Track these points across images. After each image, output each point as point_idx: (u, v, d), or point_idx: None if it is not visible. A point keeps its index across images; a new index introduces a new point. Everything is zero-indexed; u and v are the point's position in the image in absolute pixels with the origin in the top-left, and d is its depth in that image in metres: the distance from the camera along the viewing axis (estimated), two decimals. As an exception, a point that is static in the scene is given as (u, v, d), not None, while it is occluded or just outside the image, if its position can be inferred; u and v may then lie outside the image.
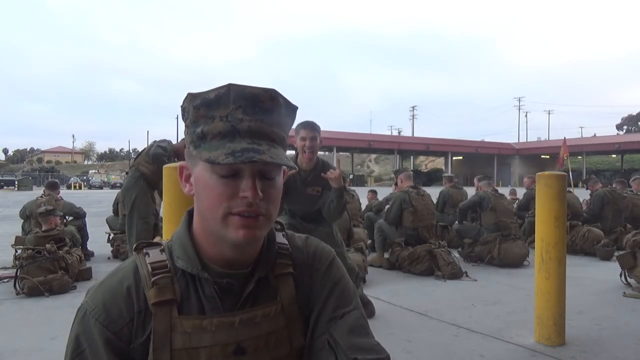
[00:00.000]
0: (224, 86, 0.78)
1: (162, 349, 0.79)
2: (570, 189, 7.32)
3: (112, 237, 6.32)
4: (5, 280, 4.74)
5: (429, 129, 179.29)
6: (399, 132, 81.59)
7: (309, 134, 3.19)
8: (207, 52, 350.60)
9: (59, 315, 3.63)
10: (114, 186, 43.81)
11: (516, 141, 62.85)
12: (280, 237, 0.93)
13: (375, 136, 52.73)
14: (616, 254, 5.17)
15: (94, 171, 77.44)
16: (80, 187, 45.19)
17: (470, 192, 7.30)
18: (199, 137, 0.78)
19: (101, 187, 48.33)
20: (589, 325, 3.42)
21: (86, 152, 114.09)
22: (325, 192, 3.29)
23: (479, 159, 52.41)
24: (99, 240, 6.78)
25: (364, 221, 6.79)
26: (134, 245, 0.89)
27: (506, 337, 3.15)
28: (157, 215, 4.94)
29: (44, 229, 4.83)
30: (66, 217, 6.24)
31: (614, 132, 77.55)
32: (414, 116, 79.15)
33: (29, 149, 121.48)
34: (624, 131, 78.41)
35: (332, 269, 0.93)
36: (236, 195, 0.77)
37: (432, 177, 48.96)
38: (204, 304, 0.83)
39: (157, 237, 1.16)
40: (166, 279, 0.82)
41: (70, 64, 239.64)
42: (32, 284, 4.17)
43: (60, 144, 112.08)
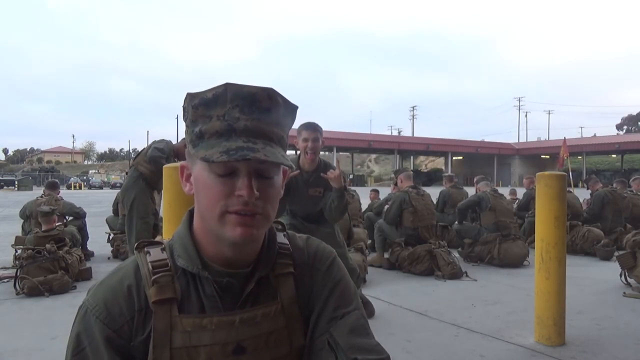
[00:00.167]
0: (222, 85, 0.79)
1: (162, 347, 0.80)
2: (570, 189, 7.32)
3: (112, 237, 6.33)
4: (5, 280, 4.74)
5: (429, 129, 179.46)
6: (399, 132, 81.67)
7: (311, 135, 3.19)
8: (207, 52, 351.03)
9: (59, 315, 3.63)
10: (114, 186, 43.80)
11: (516, 141, 62.86)
12: (281, 237, 0.93)
13: (375, 136, 52.75)
14: (616, 254, 5.17)
15: (94, 171, 77.44)
16: (80, 187, 45.20)
17: (470, 192, 7.29)
18: (197, 137, 0.79)
19: (101, 187, 48.34)
20: (589, 325, 3.42)
21: (86, 152, 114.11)
22: (327, 193, 3.29)
23: (479, 159, 52.41)
24: (99, 240, 6.79)
25: (364, 221, 6.79)
26: (135, 244, 0.89)
27: (506, 337, 3.15)
28: (156, 215, 4.94)
29: (44, 229, 4.83)
30: (66, 217, 6.25)
31: (614, 132, 77.62)
32: (414, 116, 79.25)
33: (29, 149, 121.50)
34: (624, 131, 78.41)
35: (333, 269, 0.93)
36: (232, 194, 0.77)
37: (432, 177, 48.96)
38: (204, 303, 0.83)
39: (158, 237, 1.16)
40: (167, 277, 0.83)
41: (70, 64, 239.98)
42: (32, 284, 4.17)
43: (60, 144, 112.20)
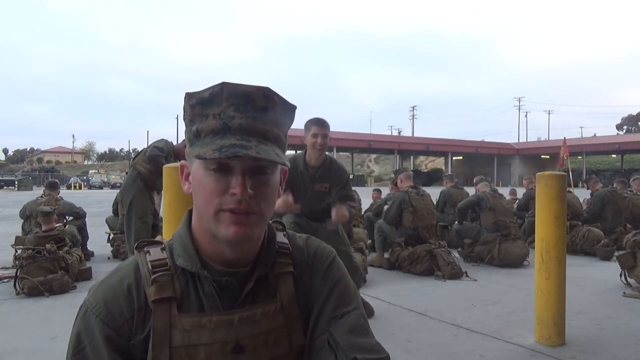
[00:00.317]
0: (218, 85, 0.80)
1: (161, 346, 0.80)
2: (570, 189, 7.32)
3: (112, 237, 6.32)
4: (5, 280, 4.74)
5: (429, 129, 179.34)
6: (399, 132, 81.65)
7: (321, 130, 3.21)
8: (207, 52, 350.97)
9: (59, 315, 3.63)
10: (114, 186, 43.80)
11: (516, 141, 62.86)
12: (280, 237, 0.93)
13: (375, 136, 52.74)
14: (616, 254, 5.17)
15: (94, 171, 77.45)
16: (80, 187, 45.21)
17: (471, 192, 7.30)
18: (194, 135, 0.80)
19: (101, 187, 48.35)
20: (589, 325, 3.42)
21: (86, 152, 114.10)
22: (333, 189, 3.31)
23: (479, 159, 52.42)
24: (99, 240, 6.79)
25: (364, 221, 6.79)
26: (135, 243, 0.90)
27: (506, 337, 3.15)
28: (156, 215, 4.94)
29: (44, 229, 4.83)
30: (66, 217, 6.25)
31: (614, 132, 77.63)
32: (414, 116, 79.24)
33: (29, 149, 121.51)
34: (624, 131, 78.42)
35: (333, 268, 0.93)
36: (227, 191, 0.77)
37: (432, 177, 48.96)
38: (203, 302, 0.83)
39: (157, 237, 1.17)
40: (166, 276, 0.83)
41: (70, 64, 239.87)
42: (32, 284, 4.17)
43: (60, 144, 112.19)
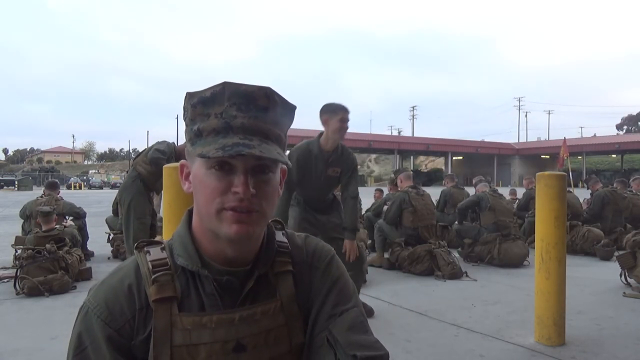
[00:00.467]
0: (220, 84, 0.80)
1: (162, 346, 0.80)
2: (570, 189, 7.33)
3: (112, 237, 6.33)
4: (5, 280, 4.74)
5: (429, 129, 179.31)
6: (399, 132, 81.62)
7: (347, 116, 3.26)
8: (207, 52, 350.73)
9: (59, 315, 3.64)
10: (114, 186, 43.81)
11: (516, 141, 62.86)
12: (279, 236, 0.93)
13: (375, 136, 52.73)
14: (616, 254, 5.17)
15: (94, 171, 77.46)
16: (80, 187, 45.21)
17: (471, 192, 7.30)
18: (195, 135, 0.80)
19: (101, 187, 48.35)
20: (589, 325, 3.42)
21: (86, 152, 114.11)
22: (342, 175, 3.38)
23: (479, 159, 52.42)
24: (99, 240, 6.79)
25: (364, 221, 6.79)
26: (135, 244, 0.90)
27: (506, 337, 3.15)
28: (154, 215, 4.95)
29: (44, 229, 4.83)
30: (66, 217, 6.25)
31: (614, 132, 77.57)
32: (414, 116, 79.24)
33: (29, 149, 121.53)
34: (624, 131, 78.38)
35: (332, 267, 0.94)
36: (229, 190, 0.78)
37: (432, 177, 48.96)
38: (204, 301, 0.83)
39: (157, 237, 1.17)
40: (166, 276, 0.83)
41: (70, 64, 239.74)
42: (32, 284, 4.17)
43: (60, 144, 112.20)
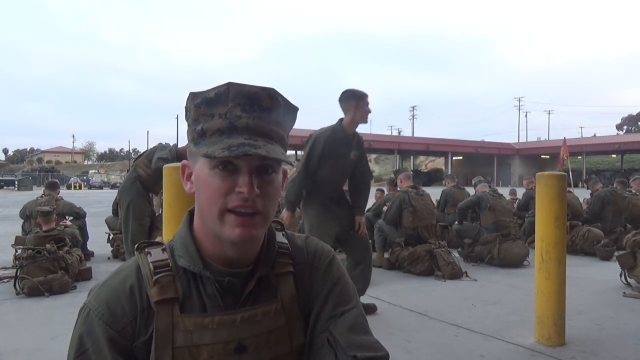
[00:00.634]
0: (224, 85, 0.80)
1: (164, 347, 0.80)
2: (570, 189, 7.33)
3: (112, 237, 6.33)
4: (5, 280, 4.74)
5: (429, 129, 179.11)
6: (399, 132, 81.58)
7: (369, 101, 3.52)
8: (207, 52, 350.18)
9: (59, 315, 3.64)
10: (114, 186, 43.79)
11: (516, 141, 62.85)
12: (280, 237, 0.93)
13: (375, 136, 52.65)
14: (616, 254, 5.17)
15: (94, 171, 77.43)
16: (80, 187, 45.21)
17: (471, 192, 7.31)
18: (199, 135, 0.80)
19: (101, 187, 48.35)
20: (589, 325, 3.42)
21: (86, 152, 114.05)
22: (359, 160, 3.62)
23: (479, 159, 52.41)
24: (99, 240, 6.79)
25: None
26: (136, 244, 0.90)
27: (506, 337, 3.15)
28: (153, 215, 4.98)
29: (44, 229, 4.83)
30: (66, 217, 6.25)
31: (614, 132, 77.49)
32: (414, 116, 79.23)
33: (29, 149, 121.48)
34: (624, 131, 78.33)
35: (332, 268, 0.94)
36: (233, 190, 0.78)
37: (432, 177, 48.94)
38: (205, 302, 0.83)
39: (158, 237, 1.17)
40: (168, 277, 0.83)
41: (70, 64, 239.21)
42: (32, 284, 4.17)
43: (60, 144, 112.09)
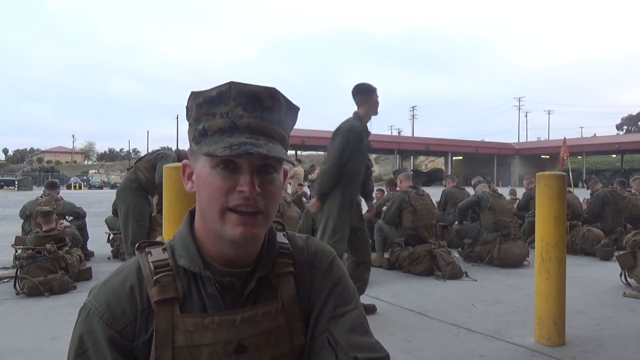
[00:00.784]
0: (226, 84, 0.80)
1: (164, 347, 0.80)
2: (570, 189, 7.33)
3: (112, 237, 6.33)
4: (5, 280, 4.74)
5: (429, 129, 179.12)
6: (399, 132, 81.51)
7: None
8: (207, 52, 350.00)
9: (59, 315, 3.64)
10: (113, 186, 43.74)
11: (516, 141, 62.83)
12: (281, 237, 0.93)
13: (375, 136, 52.44)
14: (616, 254, 5.17)
15: (94, 171, 77.36)
16: (80, 187, 45.20)
17: (471, 192, 7.31)
18: (200, 134, 0.80)
19: (101, 187, 48.34)
20: (589, 325, 3.42)
21: (86, 152, 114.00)
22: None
23: (479, 159, 52.39)
24: (99, 240, 6.79)
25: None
26: (137, 244, 0.90)
27: (506, 337, 3.15)
28: (151, 216, 5.03)
29: (44, 229, 4.83)
30: (66, 217, 6.25)
31: (614, 132, 77.45)
32: (414, 116, 79.23)
33: (29, 149, 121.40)
34: (624, 131, 78.29)
35: (333, 268, 0.94)
36: (234, 189, 0.78)
37: (432, 177, 48.95)
38: (205, 302, 0.83)
39: (158, 237, 1.17)
40: (168, 277, 0.83)
41: (70, 64, 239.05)
42: (32, 284, 4.17)
43: (60, 144, 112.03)
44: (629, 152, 48.20)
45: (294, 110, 0.86)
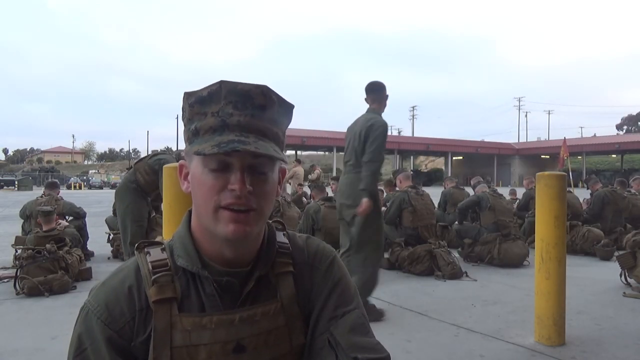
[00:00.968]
0: (216, 83, 0.80)
1: (162, 347, 0.80)
2: (570, 189, 7.33)
3: (112, 237, 6.32)
4: (5, 280, 4.74)
5: (429, 129, 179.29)
6: (399, 132, 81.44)
7: None
8: (207, 52, 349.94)
9: (59, 315, 3.64)
10: (113, 186, 43.66)
11: (516, 141, 62.83)
12: (280, 237, 0.93)
13: (375, 136, 52.53)
14: (616, 254, 5.17)
15: (94, 171, 77.27)
16: (80, 187, 45.18)
17: (470, 193, 7.31)
18: (193, 134, 0.81)
19: (101, 187, 48.30)
20: (589, 325, 3.42)
21: (86, 152, 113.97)
22: None
23: (479, 159, 52.38)
24: (99, 240, 6.78)
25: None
26: (136, 244, 0.90)
27: (506, 337, 3.15)
28: (149, 217, 5.04)
29: (44, 229, 4.83)
30: (66, 217, 6.25)
31: (614, 132, 77.41)
32: (414, 116, 79.27)
33: (29, 149, 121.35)
34: (624, 131, 78.26)
35: (333, 268, 0.94)
36: (225, 188, 0.78)
37: (432, 177, 48.95)
38: (204, 302, 0.83)
39: (158, 237, 1.17)
40: (166, 277, 0.83)
41: (70, 64, 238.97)
42: (32, 284, 4.17)
43: (60, 144, 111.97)
44: (629, 152, 48.20)
45: (287, 107, 0.86)
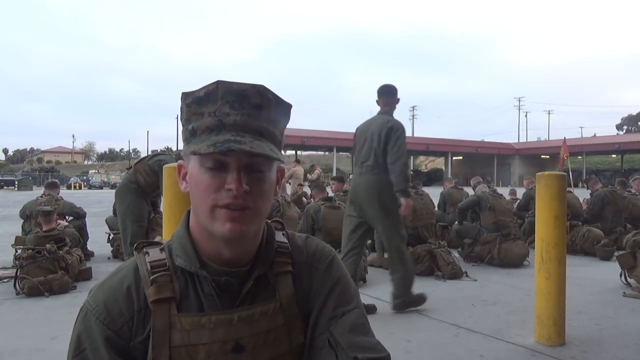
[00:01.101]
0: (213, 83, 0.80)
1: (161, 346, 0.80)
2: (570, 189, 7.33)
3: (112, 237, 6.32)
4: (5, 280, 4.74)
5: (429, 129, 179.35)
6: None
7: None
8: (207, 52, 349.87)
9: (59, 315, 3.64)
10: (113, 186, 43.64)
11: (516, 141, 62.83)
12: (279, 236, 0.93)
13: (375, 136, 52.50)
14: (616, 254, 5.17)
15: (94, 171, 77.25)
16: (80, 187, 45.18)
17: (471, 192, 7.31)
18: (190, 134, 0.81)
19: (101, 187, 48.29)
20: (589, 325, 3.42)
21: (86, 152, 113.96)
22: None
23: (479, 159, 52.40)
24: (99, 240, 6.78)
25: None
26: (135, 244, 0.90)
27: (506, 337, 3.15)
28: (149, 217, 5.04)
29: (44, 229, 4.83)
30: (66, 217, 6.25)
31: (614, 132, 77.40)
32: (414, 116, 79.26)
33: (29, 149, 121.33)
34: (624, 131, 78.25)
35: (332, 268, 0.93)
36: (222, 187, 0.78)
37: (432, 177, 48.97)
38: (202, 302, 0.83)
39: (157, 237, 1.17)
40: (165, 277, 0.83)
41: (70, 64, 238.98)
42: (32, 284, 4.17)
43: (60, 144, 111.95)
44: (629, 152, 48.22)
45: (285, 107, 0.85)
